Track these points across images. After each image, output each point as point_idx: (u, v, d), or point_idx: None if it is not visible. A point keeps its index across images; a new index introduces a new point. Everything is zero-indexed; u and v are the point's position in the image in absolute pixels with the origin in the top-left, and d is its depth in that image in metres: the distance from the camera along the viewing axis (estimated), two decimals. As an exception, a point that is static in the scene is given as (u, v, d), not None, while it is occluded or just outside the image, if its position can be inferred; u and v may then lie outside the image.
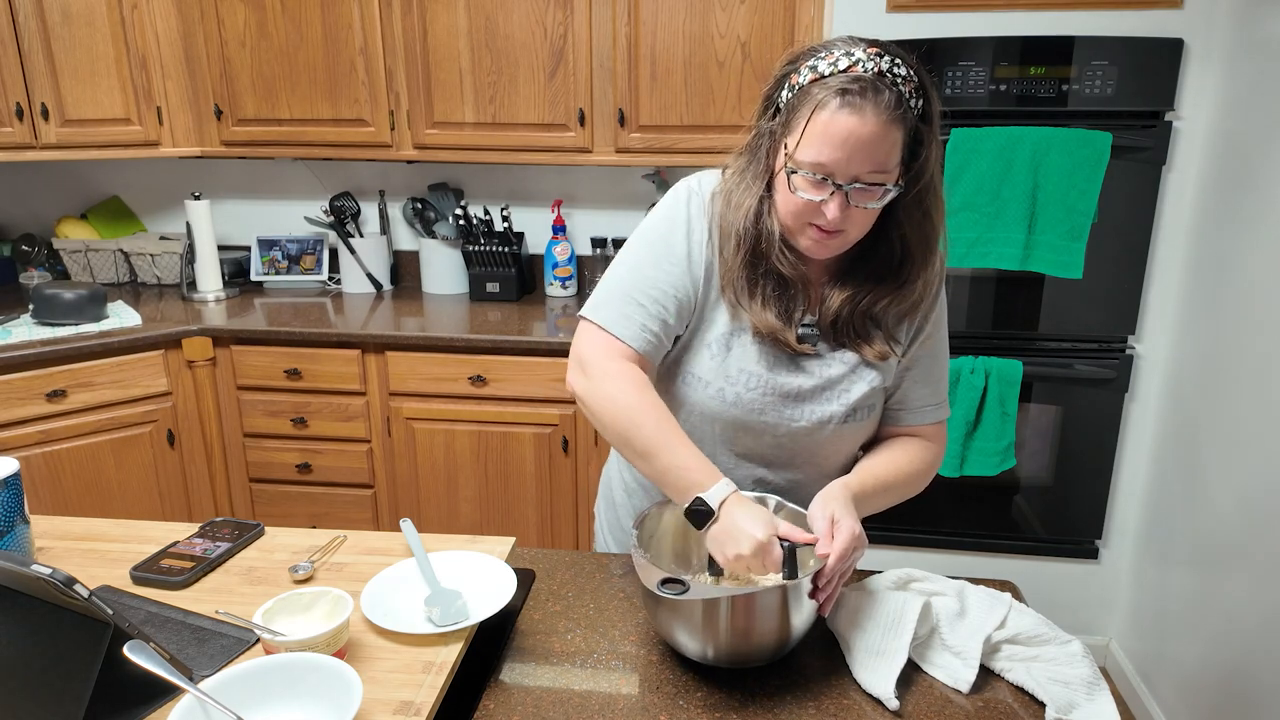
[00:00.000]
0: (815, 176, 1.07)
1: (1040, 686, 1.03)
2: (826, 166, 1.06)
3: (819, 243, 1.12)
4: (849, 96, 1.03)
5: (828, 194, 1.07)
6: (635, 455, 1.14)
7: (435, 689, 0.98)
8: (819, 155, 1.05)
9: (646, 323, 1.18)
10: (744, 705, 1.03)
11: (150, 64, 2.69)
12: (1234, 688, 2.01)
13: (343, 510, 2.73)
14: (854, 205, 1.08)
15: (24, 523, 1.20)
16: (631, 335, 1.18)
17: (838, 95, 1.03)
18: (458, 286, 3.02)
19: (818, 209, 1.08)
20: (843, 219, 1.08)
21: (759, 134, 1.16)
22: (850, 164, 1.05)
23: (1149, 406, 2.46)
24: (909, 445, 1.28)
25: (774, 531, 1.05)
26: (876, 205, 1.09)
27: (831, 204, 1.07)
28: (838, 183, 1.06)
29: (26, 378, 2.39)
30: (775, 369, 1.20)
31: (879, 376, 1.22)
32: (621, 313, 1.19)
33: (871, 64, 1.04)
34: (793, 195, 1.10)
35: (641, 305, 1.18)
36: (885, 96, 1.03)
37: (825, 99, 1.04)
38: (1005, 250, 2.28)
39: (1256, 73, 2.03)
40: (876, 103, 1.03)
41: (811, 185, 1.08)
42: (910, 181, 1.11)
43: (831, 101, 1.04)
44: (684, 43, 2.50)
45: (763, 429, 1.22)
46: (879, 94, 1.03)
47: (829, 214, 1.07)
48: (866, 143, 1.04)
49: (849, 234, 1.12)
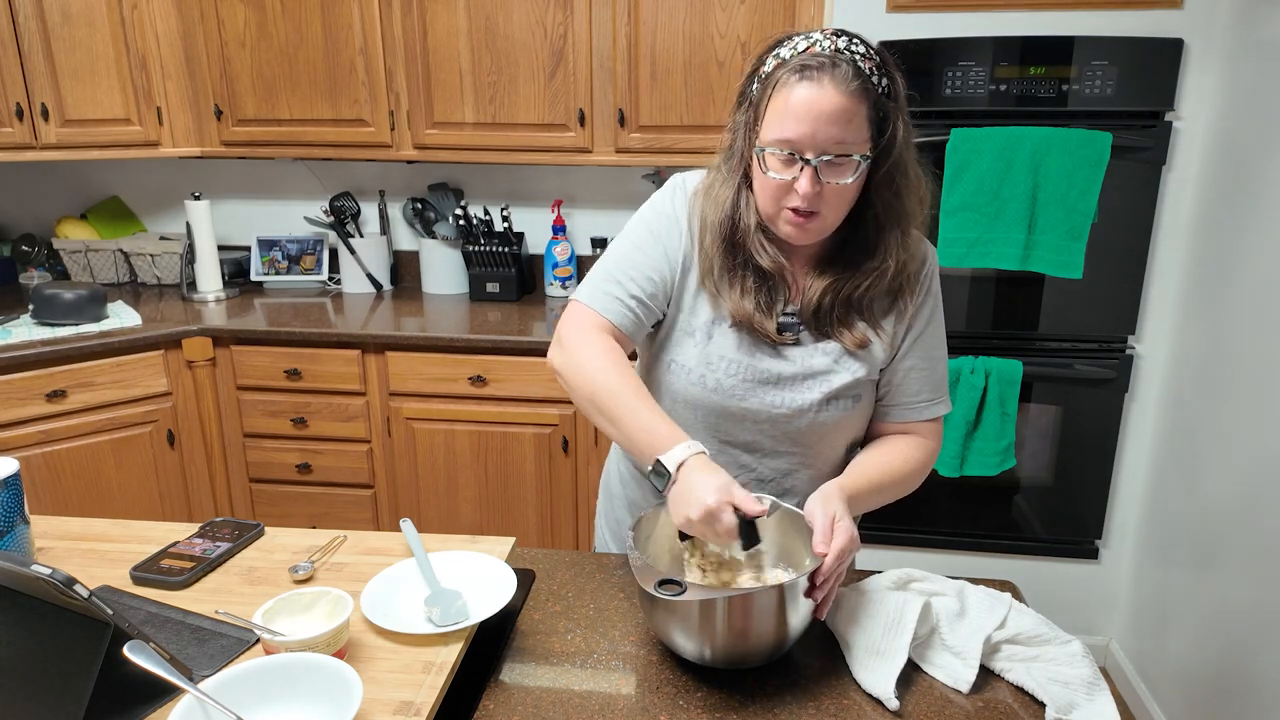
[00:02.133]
0: (784, 153, 1.10)
1: (1040, 686, 1.03)
2: (793, 141, 1.09)
3: (798, 226, 1.14)
4: (807, 71, 1.07)
5: (798, 170, 1.10)
6: (605, 420, 1.16)
7: (435, 689, 0.98)
8: (783, 131, 1.09)
9: (623, 298, 1.22)
10: (743, 705, 1.02)
11: (150, 64, 2.69)
12: (1234, 687, 2.01)
13: (343, 510, 2.73)
14: (826, 181, 1.10)
15: (24, 523, 1.20)
16: (607, 308, 1.22)
17: (796, 72, 1.08)
18: (458, 286, 3.02)
19: (791, 188, 1.11)
20: (816, 198, 1.11)
21: (733, 128, 1.20)
22: (815, 137, 1.08)
23: (1149, 406, 2.46)
24: (902, 444, 1.28)
25: (727, 499, 1.01)
26: (849, 180, 1.11)
27: (803, 179, 1.10)
28: (806, 157, 1.09)
29: (26, 378, 2.39)
30: (755, 355, 1.23)
31: (863, 368, 1.23)
32: (601, 290, 1.24)
33: (828, 42, 1.09)
34: (766, 178, 1.13)
35: (619, 283, 1.23)
36: (843, 69, 1.07)
37: (785, 78, 1.09)
38: (1005, 250, 2.28)
39: (1256, 73, 2.03)
40: (835, 75, 1.07)
41: (781, 163, 1.11)
42: (880, 157, 1.13)
43: (791, 79, 1.08)
44: (684, 43, 2.50)
45: (743, 414, 1.24)
46: (836, 67, 1.07)
47: (800, 189, 1.10)
48: (828, 113, 1.07)
49: (826, 216, 1.14)
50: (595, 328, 1.21)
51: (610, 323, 1.22)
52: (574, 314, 1.24)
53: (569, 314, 1.25)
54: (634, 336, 1.25)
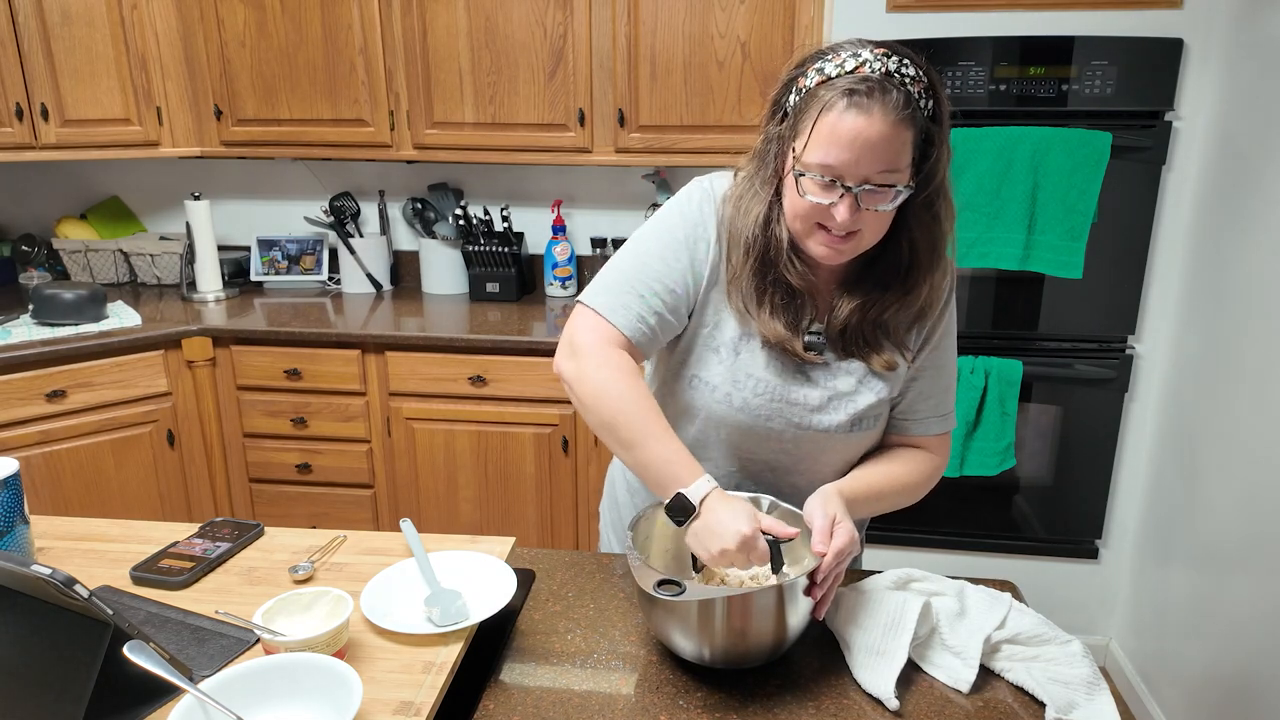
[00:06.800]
0: (824, 179, 1.05)
1: (1040, 686, 1.03)
2: (835, 168, 1.04)
3: (831, 248, 1.10)
4: (856, 97, 1.01)
5: (837, 197, 1.05)
6: (619, 444, 1.13)
7: (435, 689, 0.98)
8: (826, 157, 1.04)
9: (643, 314, 1.17)
10: (743, 705, 1.02)
11: (150, 64, 2.69)
12: (1234, 687, 2.01)
13: (343, 510, 2.73)
14: (865, 208, 1.06)
15: (24, 523, 1.20)
16: (627, 324, 1.16)
17: (845, 96, 1.02)
18: (458, 286, 3.02)
19: (827, 212, 1.07)
20: (854, 222, 1.07)
21: (767, 139, 1.14)
22: (859, 165, 1.03)
23: (1149, 406, 2.46)
24: (908, 456, 1.27)
25: (758, 525, 1.03)
26: (888, 208, 1.07)
27: (841, 206, 1.05)
28: (847, 185, 1.04)
29: (26, 378, 2.39)
30: (784, 377, 1.19)
31: (886, 388, 1.21)
32: (620, 301, 1.17)
33: (879, 64, 1.03)
34: (801, 199, 1.08)
35: (641, 296, 1.17)
36: (893, 96, 1.01)
37: (832, 100, 1.03)
38: (1005, 250, 2.28)
39: (1256, 73, 2.03)
40: (884, 103, 1.01)
41: (820, 188, 1.06)
42: (921, 183, 1.09)
43: (839, 102, 1.02)
44: (684, 43, 2.50)
45: (768, 435, 1.22)
46: (886, 94, 1.01)
47: (839, 216, 1.06)
48: (875, 143, 1.02)
49: (863, 237, 1.10)
50: (611, 342, 1.15)
51: (627, 339, 1.16)
52: (588, 323, 1.18)
53: (583, 322, 1.18)
54: (647, 353, 1.21)
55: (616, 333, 1.16)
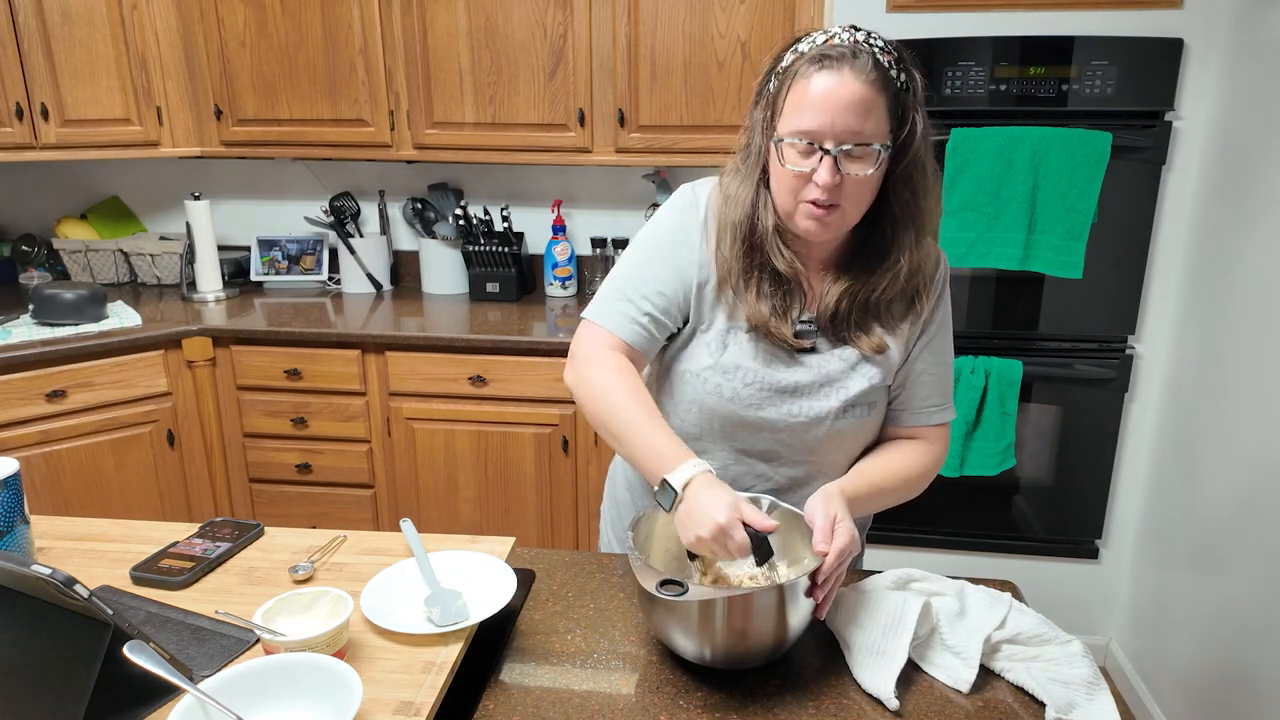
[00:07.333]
0: (802, 143, 1.09)
1: (1040, 686, 1.03)
2: (812, 131, 1.08)
3: (817, 220, 1.12)
4: (826, 61, 1.07)
5: (817, 160, 1.09)
6: (613, 439, 1.16)
7: (435, 689, 0.98)
8: (802, 121, 1.08)
9: (635, 316, 1.22)
10: (744, 705, 1.02)
11: (150, 64, 2.69)
12: (1234, 687, 2.01)
13: (343, 510, 2.73)
14: (845, 173, 1.09)
15: (24, 523, 1.20)
16: (619, 327, 1.22)
17: (815, 62, 1.08)
18: (458, 286, 3.02)
19: (809, 180, 1.10)
20: (836, 190, 1.09)
21: (750, 126, 1.19)
22: (835, 126, 1.07)
23: (1149, 406, 2.46)
24: (907, 448, 1.28)
25: (737, 515, 1.02)
26: (868, 172, 1.10)
27: (822, 169, 1.08)
28: (825, 148, 1.08)
29: (26, 378, 2.39)
30: (771, 364, 1.21)
31: (879, 373, 1.22)
32: (613, 309, 1.23)
33: (847, 35, 1.10)
34: (785, 170, 1.11)
35: (630, 300, 1.22)
36: (862, 59, 1.07)
37: (804, 68, 1.09)
38: (1005, 250, 2.28)
39: (1256, 73, 2.03)
40: (854, 65, 1.07)
41: (800, 154, 1.10)
42: (898, 153, 1.12)
43: (810, 69, 1.08)
44: (684, 43, 2.50)
45: (760, 424, 1.23)
46: (856, 58, 1.07)
47: (820, 180, 1.08)
48: (847, 102, 1.06)
49: (846, 210, 1.12)
50: (607, 346, 1.21)
51: (623, 341, 1.21)
52: (586, 333, 1.24)
53: (581, 333, 1.25)
54: (647, 353, 1.24)
55: (612, 337, 1.22)
